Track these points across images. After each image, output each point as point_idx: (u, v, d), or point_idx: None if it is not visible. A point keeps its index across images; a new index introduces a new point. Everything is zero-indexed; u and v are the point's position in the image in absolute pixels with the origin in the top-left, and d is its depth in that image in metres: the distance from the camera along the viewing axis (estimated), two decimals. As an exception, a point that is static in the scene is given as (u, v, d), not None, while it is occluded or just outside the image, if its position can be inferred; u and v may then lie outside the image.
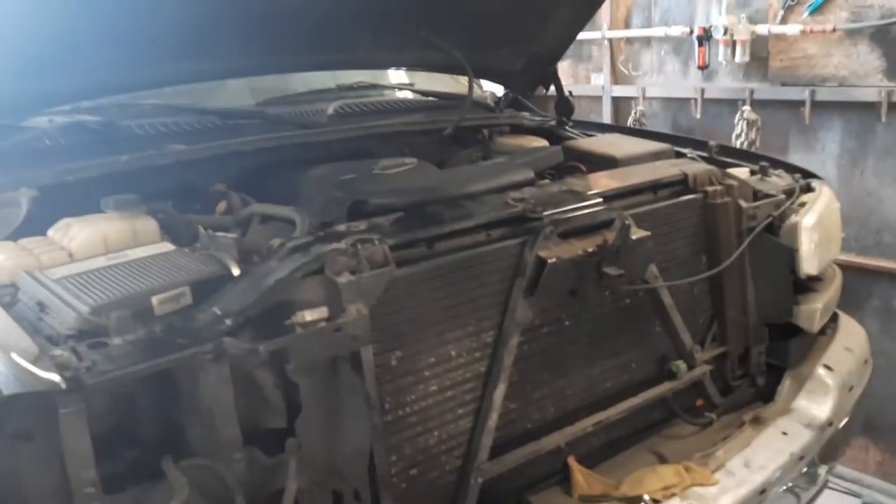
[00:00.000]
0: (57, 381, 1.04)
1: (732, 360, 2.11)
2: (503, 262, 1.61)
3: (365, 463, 1.36)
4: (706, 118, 3.91)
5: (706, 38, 3.72)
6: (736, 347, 2.10)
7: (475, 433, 1.59)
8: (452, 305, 1.54)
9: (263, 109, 2.23)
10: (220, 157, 1.89)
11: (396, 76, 2.83)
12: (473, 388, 1.59)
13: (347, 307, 1.29)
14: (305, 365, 1.28)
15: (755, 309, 2.10)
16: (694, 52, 3.84)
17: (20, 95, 1.70)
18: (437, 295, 1.51)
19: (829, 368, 2.07)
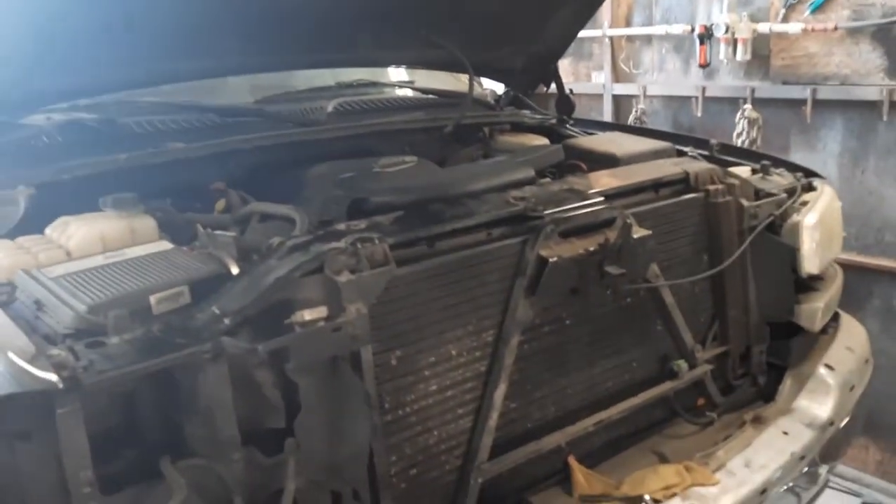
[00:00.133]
0: (54, 380, 1.03)
1: (734, 359, 2.11)
2: (504, 261, 1.60)
3: (364, 463, 1.36)
4: (707, 117, 3.90)
5: (707, 36, 3.72)
6: (737, 347, 2.10)
7: (475, 433, 1.58)
8: (453, 304, 1.53)
9: (263, 107, 2.22)
10: (219, 155, 1.88)
11: (396, 74, 2.83)
12: (474, 387, 1.59)
13: (347, 306, 1.29)
14: (305, 364, 1.27)
15: (756, 308, 2.09)
16: (695, 50, 3.83)
17: (18, 93, 1.69)
18: (437, 294, 1.50)
19: (830, 368, 2.06)
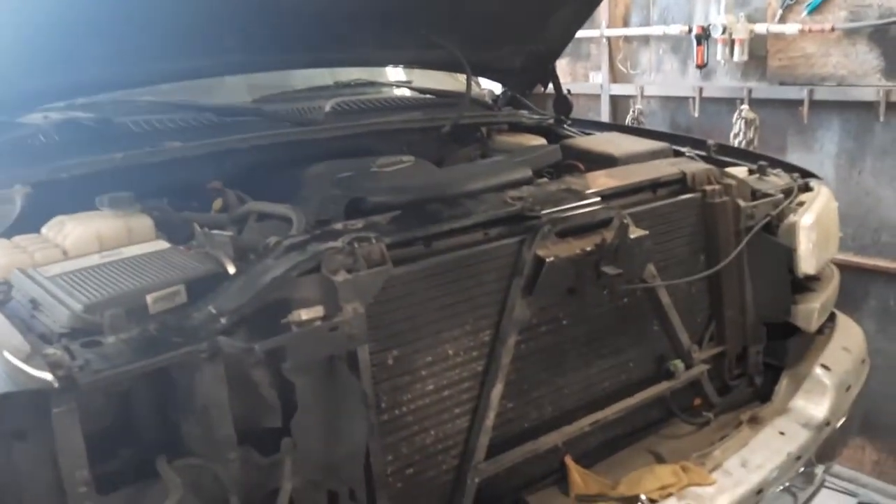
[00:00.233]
0: (49, 379, 1.03)
1: (730, 359, 2.11)
2: (501, 260, 1.60)
3: (361, 462, 1.36)
4: (704, 117, 3.91)
5: (705, 36, 3.72)
6: (734, 347, 2.10)
7: (472, 433, 1.58)
8: (450, 304, 1.53)
9: (260, 106, 2.22)
10: (216, 154, 1.88)
11: (394, 74, 2.82)
12: (470, 387, 1.59)
13: (344, 306, 1.29)
14: (301, 364, 1.27)
15: (753, 308, 2.09)
16: (692, 50, 3.84)
17: (15, 92, 1.68)
18: (434, 294, 1.50)
19: (826, 368, 2.07)
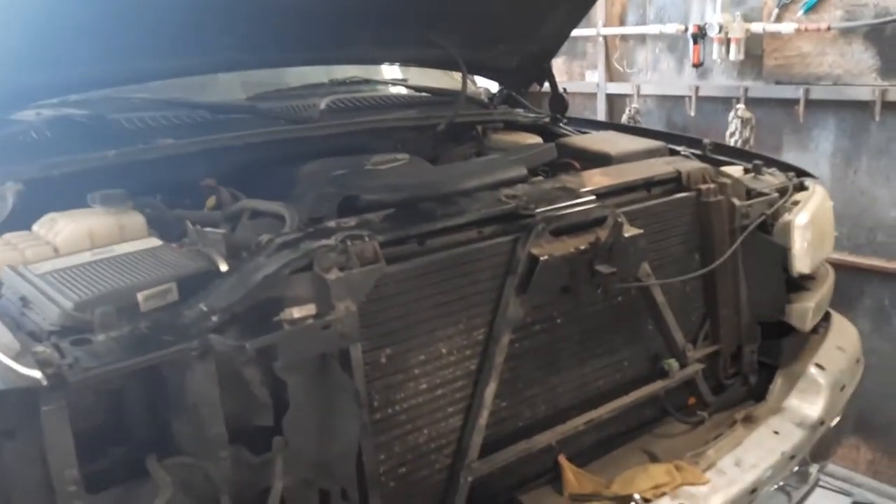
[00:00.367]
0: (39, 378, 1.02)
1: (725, 358, 2.11)
2: (495, 259, 1.59)
3: (353, 461, 1.35)
4: (700, 116, 3.91)
5: (701, 35, 3.72)
6: (728, 346, 2.10)
7: (465, 431, 1.58)
8: (443, 303, 1.53)
9: (255, 104, 2.21)
10: (210, 151, 1.87)
11: (390, 71, 2.82)
12: (464, 386, 1.58)
13: (336, 304, 1.28)
14: (293, 362, 1.26)
15: (748, 307, 2.09)
16: (689, 49, 3.83)
17: (7, 88, 1.67)
18: (427, 292, 1.50)
19: (821, 367, 2.07)
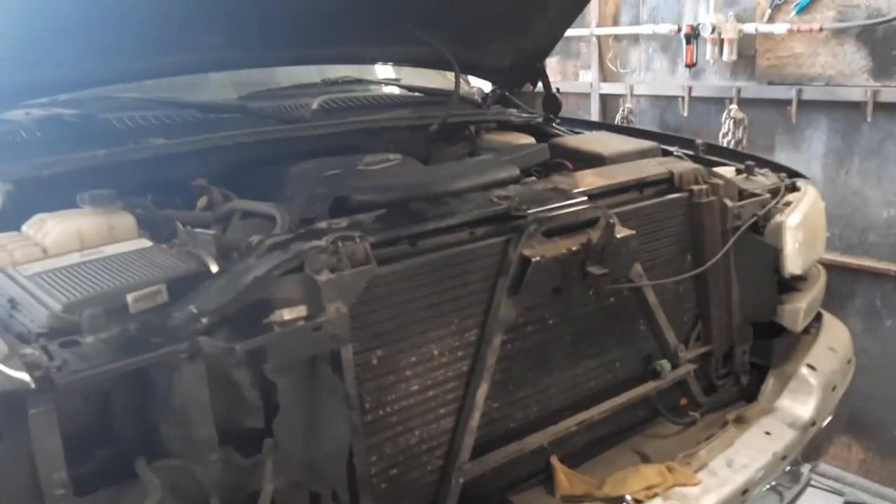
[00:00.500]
0: (27, 380, 1.01)
1: (716, 359, 2.11)
2: (487, 260, 1.59)
3: (344, 463, 1.35)
4: (693, 116, 3.92)
5: (694, 36, 3.73)
6: (720, 346, 2.10)
7: (457, 433, 1.57)
8: (435, 304, 1.52)
9: (246, 103, 2.21)
10: (201, 151, 1.86)
11: (382, 71, 2.81)
12: (456, 387, 1.58)
13: (327, 306, 1.27)
14: (284, 364, 1.25)
15: (739, 308, 2.10)
16: (682, 49, 3.84)
17: (-4, 87, 1.67)
18: (419, 293, 1.49)
19: (812, 368, 2.07)
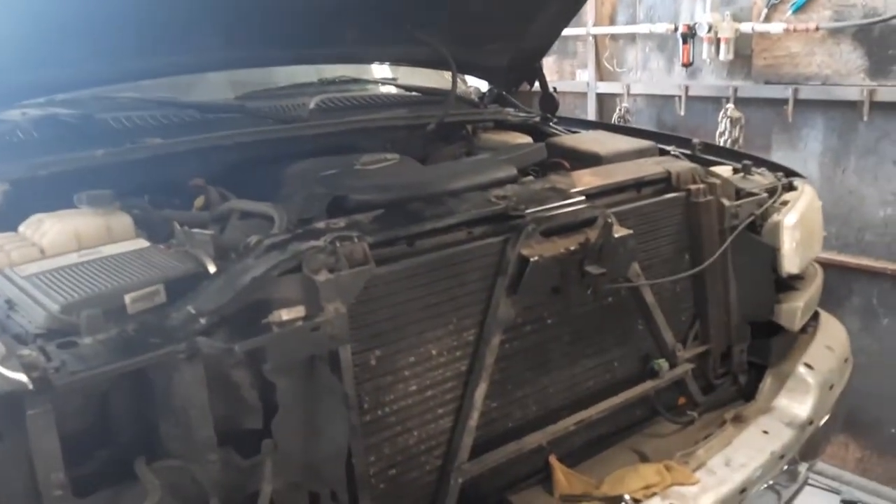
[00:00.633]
0: (24, 381, 1.01)
1: (714, 358, 2.11)
2: (485, 260, 1.59)
3: (343, 463, 1.35)
4: (690, 115, 3.92)
5: (690, 35, 3.73)
6: (718, 346, 2.10)
7: (456, 433, 1.57)
8: (433, 304, 1.52)
9: (244, 103, 2.20)
10: (198, 151, 1.86)
11: (380, 70, 2.81)
12: (454, 387, 1.58)
13: (325, 306, 1.27)
14: (282, 365, 1.25)
15: (737, 307, 2.10)
16: (678, 49, 3.84)
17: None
18: (417, 293, 1.49)
19: (809, 367, 2.08)
